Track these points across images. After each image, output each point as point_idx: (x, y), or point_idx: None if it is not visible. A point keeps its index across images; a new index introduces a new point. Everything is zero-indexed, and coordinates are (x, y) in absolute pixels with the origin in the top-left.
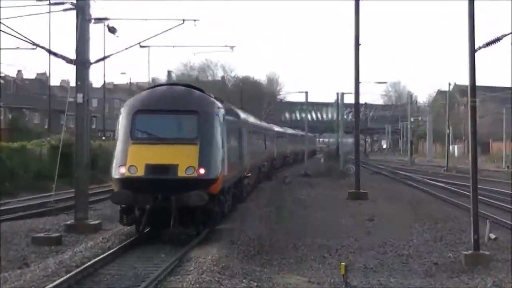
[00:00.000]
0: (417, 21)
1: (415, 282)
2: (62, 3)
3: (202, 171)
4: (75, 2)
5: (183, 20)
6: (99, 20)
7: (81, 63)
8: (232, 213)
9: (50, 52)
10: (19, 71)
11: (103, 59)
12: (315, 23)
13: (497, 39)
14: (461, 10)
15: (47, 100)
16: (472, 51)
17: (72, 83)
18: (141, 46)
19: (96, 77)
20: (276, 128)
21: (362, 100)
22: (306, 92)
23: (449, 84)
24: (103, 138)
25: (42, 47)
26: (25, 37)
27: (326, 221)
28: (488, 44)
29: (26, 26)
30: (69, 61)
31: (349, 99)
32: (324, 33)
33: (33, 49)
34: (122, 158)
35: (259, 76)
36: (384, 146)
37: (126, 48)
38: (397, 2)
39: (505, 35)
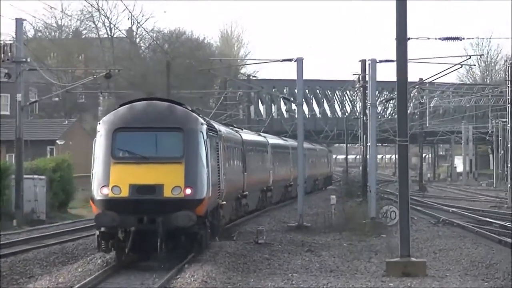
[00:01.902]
0: None
1: None
2: None
3: (188, 191)
4: None
5: None
6: None
7: None
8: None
9: None
10: None
11: None
12: None
13: None
14: None
15: None
16: None
17: None
18: None
19: None
20: (272, 140)
21: (413, 76)
22: (300, 60)
23: None
24: None
25: None
26: None
27: None
28: None
29: None
30: None
31: (384, 74)
32: None
33: None
34: (104, 178)
35: (203, 31)
36: (459, 169)
37: None
38: None
39: None
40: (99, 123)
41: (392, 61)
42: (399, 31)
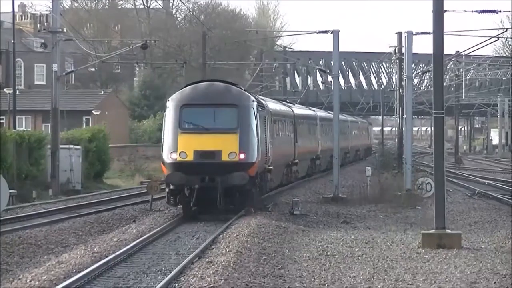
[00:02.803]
0: None
1: None
2: None
3: (242, 155)
4: None
5: None
6: None
7: None
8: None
9: None
10: None
11: None
12: None
13: None
14: None
15: None
16: None
17: None
18: None
19: None
20: (321, 113)
21: (449, 49)
22: (336, 32)
23: None
24: None
25: None
26: None
27: None
28: None
29: None
30: None
31: (421, 46)
32: None
33: None
34: (173, 145)
35: (239, 2)
36: (495, 141)
37: None
38: None
39: None
40: (168, 100)
41: (429, 33)
42: (435, 3)
